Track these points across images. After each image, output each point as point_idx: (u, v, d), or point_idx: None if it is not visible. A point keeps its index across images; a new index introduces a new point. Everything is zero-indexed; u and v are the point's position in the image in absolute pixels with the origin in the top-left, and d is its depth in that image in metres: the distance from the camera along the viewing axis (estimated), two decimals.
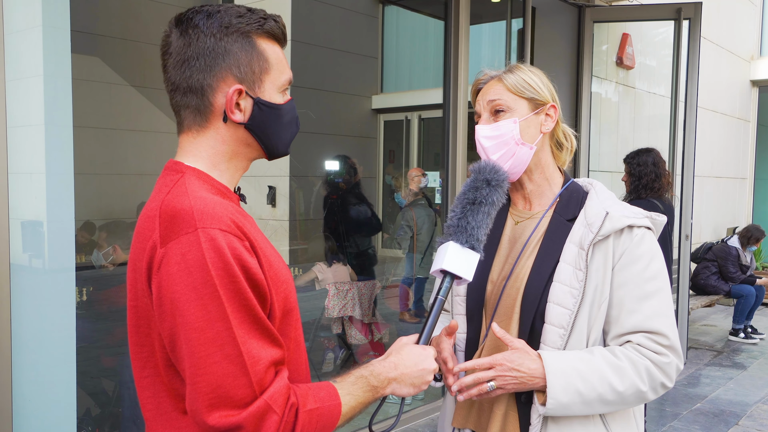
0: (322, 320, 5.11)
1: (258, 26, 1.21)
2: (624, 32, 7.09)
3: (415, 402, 4.80)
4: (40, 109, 2.70)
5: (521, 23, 5.36)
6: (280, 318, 1.21)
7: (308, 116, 8.37)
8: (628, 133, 7.82)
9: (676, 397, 5.23)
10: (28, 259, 2.73)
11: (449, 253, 1.44)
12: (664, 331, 1.50)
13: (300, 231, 8.34)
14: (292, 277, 1.31)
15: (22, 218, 2.66)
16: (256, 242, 1.17)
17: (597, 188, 1.67)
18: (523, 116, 1.62)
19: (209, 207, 1.13)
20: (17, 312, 2.52)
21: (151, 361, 1.19)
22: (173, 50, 1.21)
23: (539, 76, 1.66)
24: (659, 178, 4.22)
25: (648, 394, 1.51)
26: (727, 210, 10.60)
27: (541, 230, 1.64)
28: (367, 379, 1.27)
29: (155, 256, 1.12)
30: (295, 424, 1.13)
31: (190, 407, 1.11)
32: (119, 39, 6.54)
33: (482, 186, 1.48)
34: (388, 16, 9.87)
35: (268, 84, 1.24)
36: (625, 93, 7.58)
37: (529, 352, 1.51)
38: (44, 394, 2.71)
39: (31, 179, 2.70)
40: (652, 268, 1.53)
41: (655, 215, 1.64)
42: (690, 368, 6.07)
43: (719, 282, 7.40)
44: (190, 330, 1.08)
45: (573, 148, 1.74)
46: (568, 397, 1.46)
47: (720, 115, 10.06)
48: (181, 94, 1.22)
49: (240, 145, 1.26)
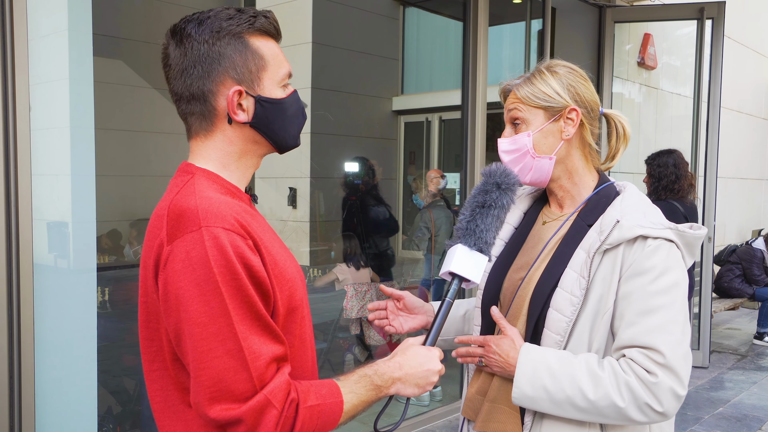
0: (340, 321, 5.12)
1: (248, 25, 1.24)
2: (646, 32, 7.03)
3: (433, 403, 4.80)
4: (66, 112, 2.76)
5: (541, 24, 5.34)
6: (284, 315, 1.23)
7: (328, 118, 8.41)
8: (651, 134, 7.75)
9: (698, 401, 5.17)
10: (54, 259, 2.78)
11: (457, 256, 1.45)
12: (661, 348, 1.40)
13: (320, 232, 8.38)
14: (301, 275, 1.33)
15: (48, 219, 2.72)
16: (261, 241, 1.20)
17: (626, 193, 1.60)
18: (537, 128, 1.58)
19: (214, 206, 1.16)
20: (40, 311, 2.57)
21: (159, 356, 1.22)
22: (172, 61, 1.24)
23: (561, 78, 1.60)
24: (680, 179, 4.18)
25: (629, 412, 1.42)
26: (752, 211, 10.46)
27: (561, 234, 1.61)
28: (370, 378, 1.29)
29: (162, 254, 1.15)
30: (295, 419, 1.15)
31: (193, 400, 1.14)
32: (142, 42, 6.63)
33: (492, 189, 1.48)
34: (408, 17, 9.88)
35: (267, 81, 1.26)
36: (648, 94, 7.51)
37: (515, 341, 1.53)
38: (66, 392, 2.75)
39: (57, 180, 2.75)
40: (661, 282, 1.44)
41: (695, 228, 1.53)
42: (713, 372, 6.00)
43: (743, 285, 7.29)
44: (193, 325, 1.11)
45: (626, 135, 1.66)
46: (534, 390, 1.47)
47: (745, 116, 9.93)
48: (185, 102, 1.26)
49: (248, 144, 1.29)
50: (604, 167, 1.70)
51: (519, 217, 1.75)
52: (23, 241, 2.48)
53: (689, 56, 6.21)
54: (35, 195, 2.55)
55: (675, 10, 6.16)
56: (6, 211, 2.44)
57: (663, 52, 7.51)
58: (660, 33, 7.31)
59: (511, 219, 1.75)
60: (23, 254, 2.48)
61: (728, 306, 7.09)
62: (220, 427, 1.15)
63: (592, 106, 1.63)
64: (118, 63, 6.74)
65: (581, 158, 1.65)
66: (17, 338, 2.49)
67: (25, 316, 2.50)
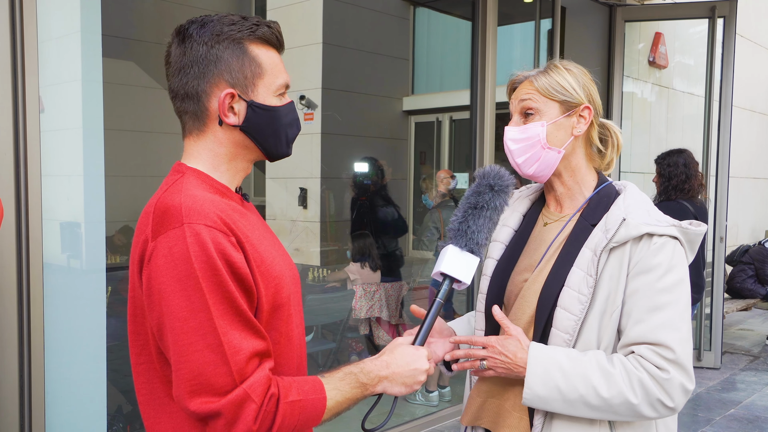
0: (349, 321, 5.13)
1: (249, 32, 1.27)
2: (657, 31, 6.99)
3: (442, 404, 4.80)
4: (78, 113, 2.78)
5: (551, 23, 5.32)
6: (268, 312, 1.25)
7: (338, 118, 8.43)
8: (662, 134, 7.70)
9: (709, 402, 5.14)
10: (64, 259, 2.81)
11: (448, 257, 1.47)
12: (670, 344, 1.43)
13: (330, 232, 8.39)
14: (292, 274, 1.36)
15: (59, 219, 2.75)
16: (247, 238, 1.23)
17: (627, 192, 1.61)
18: (552, 119, 1.58)
19: (197, 204, 1.19)
20: (50, 311, 2.59)
21: (146, 349, 1.25)
22: (172, 60, 1.29)
23: (576, 76, 1.61)
24: (690, 179, 4.16)
25: (642, 408, 1.44)
26: (765, 211, 10.37)
27: (565, 234, 1.61)
28: (356, 376, 1.30)
29: (147, 249, 1.19)
30: (275, 414, 1.17)
31: (175, 393, 1.17)
32: (153, 43, 6.68)
33: (485, 191, 1.49)
34: (419, 17, 9.88)
35: (261, 88, 1.29)
36: (659, 93, 7.47)
37: (521, 341, 1.51)
38: (76, 391, 2.78)
39: (69, 181, 2.78)
40: (667, 279, 1.47)
41: (695, 224, 1.55)
42: (725, 373, 5.96)
43: (756, 285, 7.24)
44: (174, 320, 1.14)
45: (618, 146, 1.69)
46: (546, 390, 1.46)
47: (758, 115, 9.85)
48: (180, 100, 1.30)
49: (238, 148, 1.32)
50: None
51: (518, 219, 1.75)
52: (33, 241, 2.50)
53: (702, 55, 6.17)
54: (48, 196, 2.57)
55: (686, 9, 6.12)
56: (16, 210, 2.46)
57: (675, 51, 7.46)
58: (671, 32, 7.27)
59: (511, 222, 1.75)
60: (33, 254, 2.51)
61: (741, 307, 7.03)
62: (201, 420, 1.18)
63: (598, 109, 1.65)
64: (130, 64, 6.79)
65: (584, 157, 1.66)
66: (27, 337, 2.52)
67: (35, 315, 2.53)
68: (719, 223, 5.75)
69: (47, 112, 2.60)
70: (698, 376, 5.78)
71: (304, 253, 8.76)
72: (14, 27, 2.42)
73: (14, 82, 2.43)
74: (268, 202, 9.55)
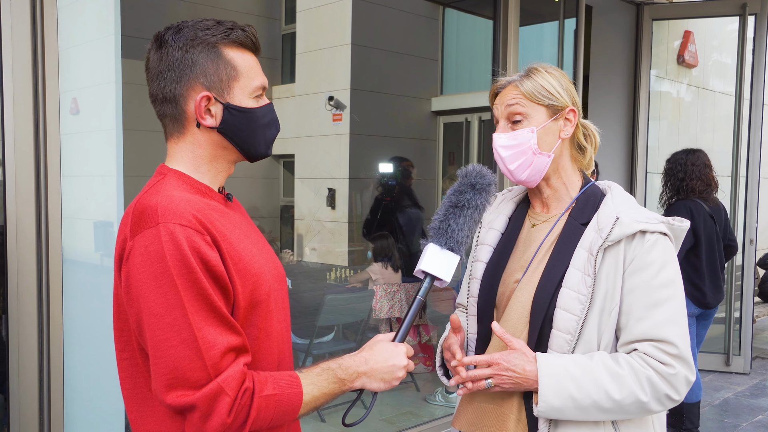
0: (370, 321, 5.15)
1: (224, 36, 1.30)
2: (686, 29, 6.86)
3: None
4: (112, 115, 2.87)
5: (575, 23, 5.26)
6: (245, 308, 1.28)
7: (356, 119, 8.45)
8: (693, 134, 7.56)
9: (737, 408, 5.03)
10: (83, 256, 2.87)
11: (428, 255, 1.48)
12: (673, 339, 1.45)
13: (357, 233, 8.43)
14: (275, 272, 1.39)
15: (93, 219, 2.87)
16: (224, 237, 1.26)
17: (614, 192, 1.63)
18: (540, 124, 1.59)
19: (173, 204, 1.22)
20: (69, 308, 2.65)
21: (129, 345, 1.30)
22: (150, 65, 1.32)
23: (558, 79, 1.62)
24: (689, 179, 4.08)
25: (651, 405, 1.46)
26: None
27: (555, 234, 1.62)
28: (334, 372, 1.33)
29: (125, 248, 1.23)
30: (250, 407, 1.21)
31: (153, 386, 1.21)
32: None
33: (466, 190, 1.50)
34: (448, 18, 9.86)
35: (237, 90, 1.32)
36: (689, 92, 7.33)
37: (526, 354, 1.50)
38: (94, 387, 2.83)
39: (90, 181, 2.85)
40: (663, 275, 1.49)
41: (678, 220, 1.58)
42: (754, 378, 5.82)
43: None
44: (151, 316, 1.19)
45: (597, 146, 1.71)
46: (561, 401, 1.46)
47: None
48: (159, 104, 1.33)
49: (217, 149, 1.35)
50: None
51: (504, 222, 1.76)
52: (52, 239, 2.55)
53: (732, 54, 6.05)
54: (74, 195, 2.66)
55: (716, 7, 6.00)
56: (36, 209, 2.52)
57: (707, 50, 7.31)
58: (701, 30, 7.13)
59: (497, 224, 1.75)
60: (52, 251, 2.56)
61: None
62: (178, 412, 1.21)
63: (580, 109, 1.66)
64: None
65: (570, 158, 1.67)
66: (47, 334, 2.57)
67: (54, 312, 2.58)
68: (749, 226, 5.62)
69: (84, 113, 2.72)
70: (727, 381, 5.67)
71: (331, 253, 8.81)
72: (35, 32, 2.49)
73: (35, 84, 2.50)
74: (296, 203, 9.63)
